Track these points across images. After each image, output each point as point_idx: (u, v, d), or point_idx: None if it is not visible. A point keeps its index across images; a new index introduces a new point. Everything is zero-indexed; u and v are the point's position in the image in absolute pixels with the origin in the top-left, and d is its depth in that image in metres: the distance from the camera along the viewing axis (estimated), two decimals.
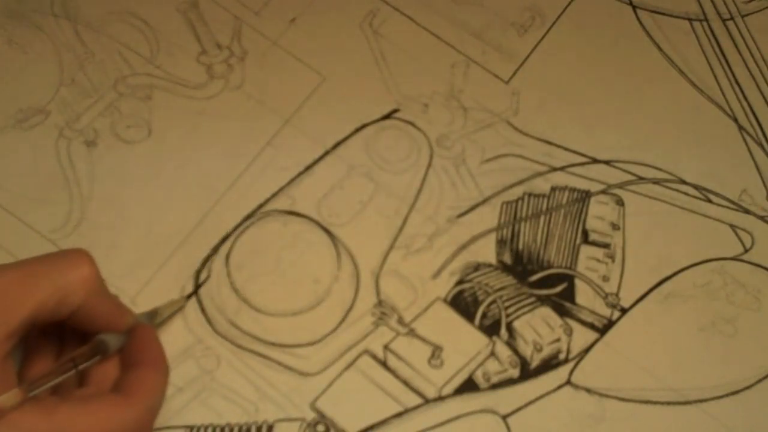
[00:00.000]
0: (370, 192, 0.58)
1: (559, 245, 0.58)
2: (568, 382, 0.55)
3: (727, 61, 0.64)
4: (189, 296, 0.54)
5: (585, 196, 0.59)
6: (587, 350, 0.55)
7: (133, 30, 0.61)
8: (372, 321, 0.55)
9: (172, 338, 0.53)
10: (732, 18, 0.65)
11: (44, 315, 0.43)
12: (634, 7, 0.65)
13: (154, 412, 0.46)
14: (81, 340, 0.47)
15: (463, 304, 0.56)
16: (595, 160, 0.60)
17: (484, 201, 0.59)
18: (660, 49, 0.64)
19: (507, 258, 0.57)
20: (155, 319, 0.51)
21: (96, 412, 0.43)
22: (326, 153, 0.59)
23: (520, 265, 0.57)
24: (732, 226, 0.59)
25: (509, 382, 0.54)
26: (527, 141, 0.61)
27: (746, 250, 0.59)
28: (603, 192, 0.60)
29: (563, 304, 0.56)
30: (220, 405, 0.52)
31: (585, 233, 0.58)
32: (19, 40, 0.60)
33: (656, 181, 0.60)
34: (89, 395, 0.45)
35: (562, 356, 0.55)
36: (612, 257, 0.58)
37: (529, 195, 0.59)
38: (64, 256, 0.45)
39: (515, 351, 0.55)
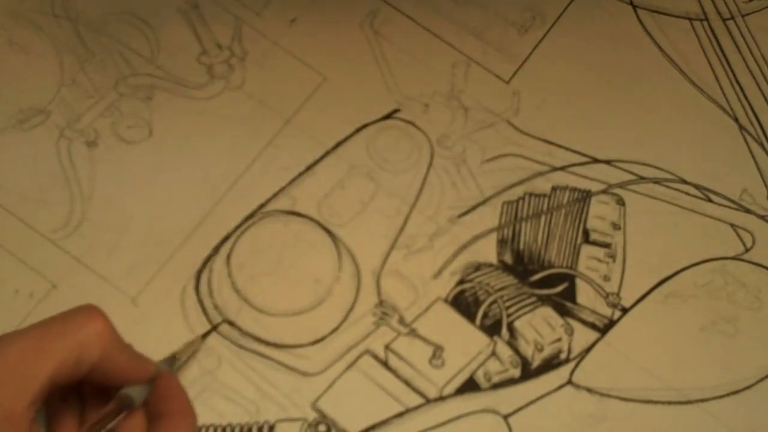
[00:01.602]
0: (371, 192, 0.58)
1: (560, 245, 0.58)
2: (569, 382, 0.55)
3: (727, 61, 0.64)
4: (204, 336, 0.53)
5: (586, 196, 0.59)
6: (588, 350, 0.55)
7: (134, 30, 0.61)
8: (373, 321, 0.55)
9: (174, 339, 0.53)
10: (732, 17, 0.65)
11: (64, 375, 0.43)
12: (635, 7, 0.65)
13: None
14: (102, 397, 0.46)
15: (464, 303, 0.56)
16: (595, 160, 0.60)
17: (485, 201, 0.59)
18: (660, 48, 0.64)
19: (508, 258, 0.57)
20: (174, 364, 0.51)
21: None
22: (327, 153, 0.59)
23: (521, 265, 0.57)
24: (733, 225, 0.59)
25: (510, 381, 0.54)
26: (528, 141, 0.61)
27: (747, 250, 0.59)
28: (604, 192, 0.60)
29: (564, 303, 0.56)
30: (222, 405, 0.52)
31: (586, 233, 0.58)
32: (20, 40, 0.60)
33: (657, 181, 0.60)
34: None
35: (563, 356, 0.55)
36: (613, 257, 0.58)
37: (530, 195, 0.59)
38: (75, 313, 0.44)
39: (516, 351, 0.55)
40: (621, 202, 0.59)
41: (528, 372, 0.55)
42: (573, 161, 0.60)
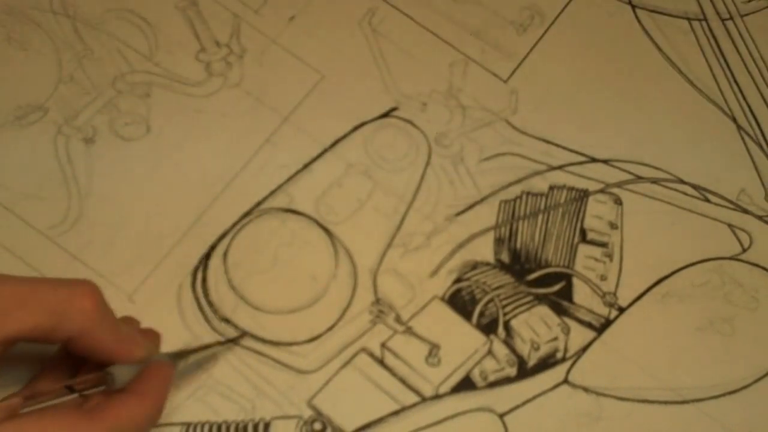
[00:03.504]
0: (369, 190, 0.58)
1: (557, 244, 0.58)
2: (566, 381, 0.55)
3: (726, 61, 0.64)
4: (224, 343, 0.53)
5: (583, 195, 0.59)
6: (585, 349, 0.55)
7: (132, 27, 0.61)
8: (369, 319, 0.55)
9: (169, 336, 0.52)
10: (731, 18, 0.65)
11: (35, 336, 0.44)
12: (633, 7, 0.65)
13: None
14: (98, 367, 0.47)
15: (460, 302, 0.56)
16: (593, 159, 0.60)
17: (483, 200, 0.59)
18: (659, 48, 0.64)
19: (505, 257, 0.57)
20: (181, 359, 0.50)
21: (49, 425, 0.43)
22: (325, 151, 0.59)
23: (518, 264, 0.57)
24: (730, 225, 0.59)
25: (506, 380, 0.54)
26: (526, 140, 0.61)
27: (744, 250, 0.59)
28: (601, 191, 0.60)
29: (561, 302, 0.56)
30: (217, 402, 0.52)
31: (583, 232, 0.58)
32: (18, 37, 0.60)
33: (654, 181, 0.60)
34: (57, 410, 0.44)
35: (559, 355, 0.55)
36: (610, 256, 0.58)
37: (528, 194, 0.59)
38: (68, 285, 0.45)
39: (512, 349, 0.55)
40: (618, 201, 0.59)
41: (524, 371, 0.55)
42: (570, 160, 0.60)
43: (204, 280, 0.55)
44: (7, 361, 0.45)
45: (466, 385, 0.54)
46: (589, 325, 0.56)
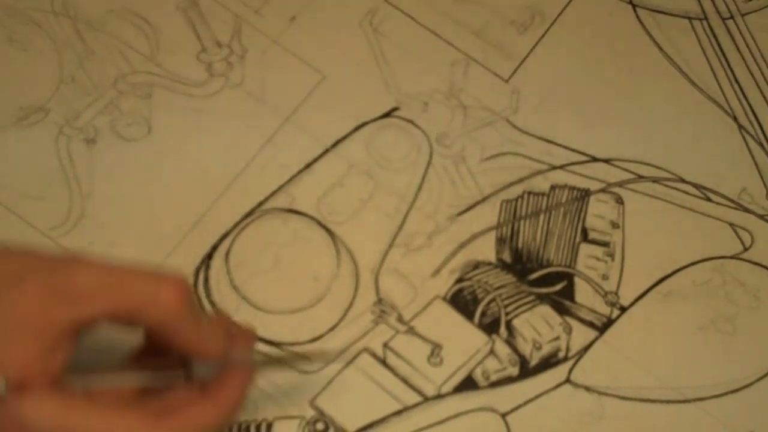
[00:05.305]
0: (370, 190, 0.58)
1: (558, 243, 0.58)
2: (568, 381, 0.55)
3: (726, 60, 0.64)
4: (310, 358, 0.53)
5: (584, 195, 0.59)
6: (586, 348, 0.55)
7: (134, 28, 0.61)
8: (371, 319, 0.55)
9: None
10: (732, 17, 0.65)
11: (114, 320, 0.42)
12: (634, 6, 0.65)
13: None
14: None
15: (462, 302, 0.56)
16: (594, 159, 0.60)
17: (484, 199, 0.59)
18: (660, 47, 0.64)
19: (506, 256, 0.57)
20: (263, 364, 0.50)
21: (110, 418, 0.41)
22: (326, 151, 0.59)
23: (520, 264, 0.57)
24: (731, 224, 0.59)
25: (508, 380, 0.54)
26: (527, 139, 0.61)
27: (746, 249, 0.59)
28: (603, 190, 0.60)
29: (563, 302, 0.56)
30: None
31: (584, 231, 0.58)
32: (20, 37, 0.60)
33: (656, 180, 0.60)
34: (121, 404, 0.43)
35: (561, 354, 0.55)
36: (611, 255, 0.58)
37: (529, 193, 0.59)
38: (156, 275, 0.43)
39: (514, 349, 0.55)
40: (620, 200, 0.59)
41: (526, 370, 0.55)
42: (572, 160, 0.60)
43: (206, 280, 0.55)
44: (91, 344, 0.44)
45: (468, 384, 0.54)
46: (591, 325, 0.56)
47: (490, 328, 0.55)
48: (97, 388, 0.43)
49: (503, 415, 0.53)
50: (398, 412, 0.53)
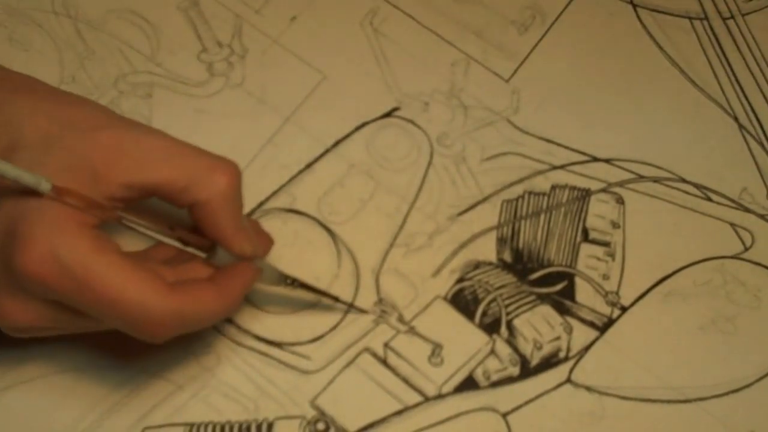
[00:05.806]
0: (371, 190, 0.58)
1: (559, 243, 0.58)
2: (568, 381, 0.55)
3: (727, 60, 0.64)
4: (336, 300, 0.54)
5: (585, 195, 0.59)
6: (587, 348, 0.55)
7: (134, 28, 0.61)
8: (372, 319, 0.55)
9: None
10: (732, 17, 0.65)
11: (167, 191, 0.45)
12: (635, 6, 0.65)
13: (182, 320, 0.45)
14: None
15: (463, 302, 0.56)
16: (595, 159, 0.60)
17: (485, 199, 0.59)
18: (660, 47, 0.64)
19: (507, 256, 0.57)
20: (285, 282, 0.51)
21: (128, 274, 0.43)
22: (327, 151, 0.59)
23: (521, 264, 0.57)
24: (732, 224, 0.59)
25: (509, 380, 0.54)
26: (527, 139, 0.61)
27: (746, 249, 0.59)
28: (603, 190, 0.60)
29: (563, 302, 0.56)
30: (220, 402, 0.52)
31: (585, 231, 0.58)
32: (20, 37, 0.60)
33: (656, 180, 0.60)
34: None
35: (562, 354, 0.55)
36: (612, 255, 0.58)
37: (530, 193, 0.59)
38: (213, 157, 0.46)
39: (515, 349, 0.55)
40: (620, 200, 0.59)
41: (527, 370, 0.55)
42: (573, 160, 0.60)
43: None
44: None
45: (468, 384, 0.54)
46: (592, 325, 0.56)
47: (490, 328, 0.55)
48: (136, 229, 0.47)
49: (504, 415, 0.53)
50: (399, 412, 0.53)
